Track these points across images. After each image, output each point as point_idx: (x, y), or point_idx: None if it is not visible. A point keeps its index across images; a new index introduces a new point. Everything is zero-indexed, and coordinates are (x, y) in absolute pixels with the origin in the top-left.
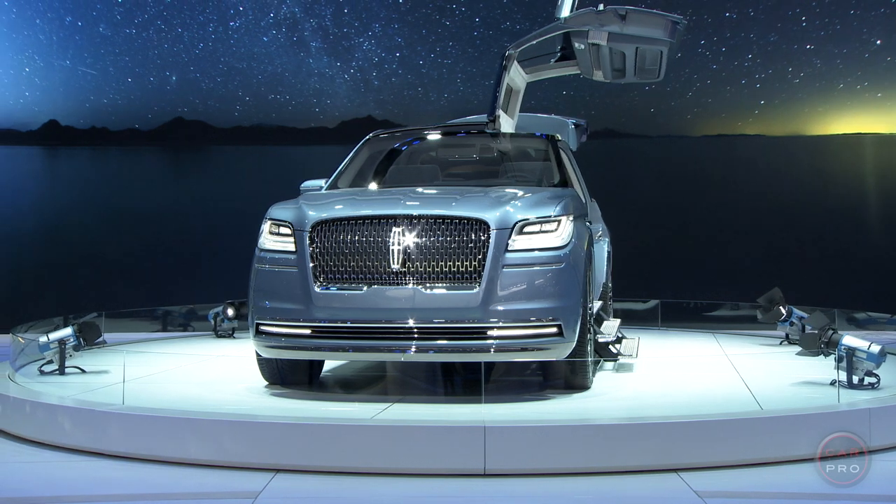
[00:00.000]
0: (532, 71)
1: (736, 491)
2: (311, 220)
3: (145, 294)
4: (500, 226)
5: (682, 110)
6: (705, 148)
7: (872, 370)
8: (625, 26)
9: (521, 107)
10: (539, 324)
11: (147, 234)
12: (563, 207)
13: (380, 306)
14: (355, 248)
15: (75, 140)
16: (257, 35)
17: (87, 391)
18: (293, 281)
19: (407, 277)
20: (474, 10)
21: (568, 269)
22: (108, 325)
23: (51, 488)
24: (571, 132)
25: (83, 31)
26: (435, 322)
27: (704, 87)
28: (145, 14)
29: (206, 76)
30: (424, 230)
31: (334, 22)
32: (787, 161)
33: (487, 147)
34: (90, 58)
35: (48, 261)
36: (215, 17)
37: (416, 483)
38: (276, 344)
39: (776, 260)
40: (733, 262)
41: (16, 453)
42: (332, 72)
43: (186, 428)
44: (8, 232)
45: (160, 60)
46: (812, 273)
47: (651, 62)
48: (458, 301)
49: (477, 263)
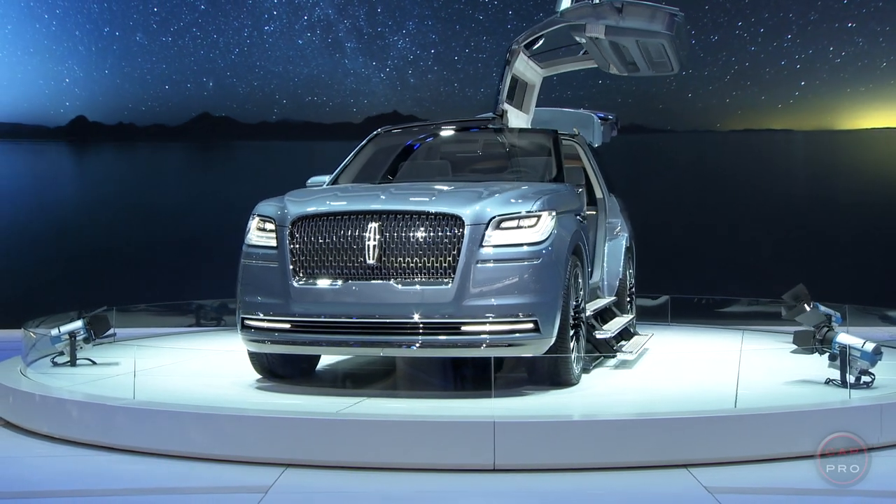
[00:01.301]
0: (547, 65)
1: (746, 487)
2: (291, 216)
3: (174, 288)
4: (475, 221)
5: (721, 94)
6: (731, 144)
7: (867, 369)
8: (622, 19)
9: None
10: (514, 319)
11: (174, 229)
12: (544, 203)
13: (355, 301)
14: (332, 244)
15: (103, 136)
16: (292, 38)
17: (97, 385)
18: (275, 276)
19: (382, 273)
20: (507, 2)
21: (546, 264)
22: (126, 320)
23: (62, 482)
24: (597, 126)
25: (120, 40)
26: (409, 317)
27: (743, 69)
28: (181, 22)
29: (243, 81)
30: (399, 226)
31: (368, 22)
32: (817, 156)
33: (490, 143)
34: (128, 66)
35: (73, 255)
36: (249, 22)
37: (426, 478)
38: (260, 338)
39: (806, 256)
40: (762, 258)
41: (28, 447)
42: (367, 71)
43: (197, 423)
44: (33, 227)
45: (196, 67)
46: (850, 271)
47: (657, 55)
48: (432, 296)
49: (451, 259)
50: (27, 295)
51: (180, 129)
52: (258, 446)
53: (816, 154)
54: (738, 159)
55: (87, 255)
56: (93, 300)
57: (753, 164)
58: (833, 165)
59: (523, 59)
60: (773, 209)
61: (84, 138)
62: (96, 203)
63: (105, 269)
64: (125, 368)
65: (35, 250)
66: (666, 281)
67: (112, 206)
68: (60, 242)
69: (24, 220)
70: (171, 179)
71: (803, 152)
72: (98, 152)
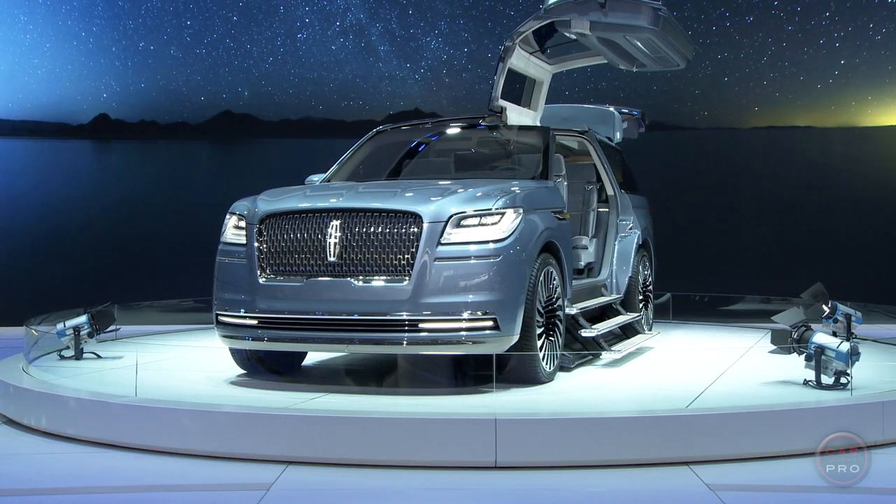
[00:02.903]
0: (556, 62)
1: (748, 484)
2: (259, 214)
3: (194, 285)
4: (434, 219)
5: (758, 77)
6: (754, 140)
7: (842, 370)
8: (606, 15)
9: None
10: (473, 317)
11: (194, 225)
12: (508, 201)
13: (316, 298)
14: (296, 241)
15: (125, 134)
16: (325, 44)
17: (98, 382)
18: (243, 272)
19: (343, 270)
20: None
21: (507, 262)
22: (134, 317)
23: (63, 479)
24: (617, 123)
25: (155, 54)
26: (368, 314)
27: (780, 49)
28: (213, 34)
29: (278, 89)
30: (359, 223)
31: (400, 24)
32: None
33: (485, 140)
34: (163, 80)
35: (91, 252)
36: (282, 31)
37: (427, 475)
38: (231, 334)
39: (831, 254)
40: (783, 257)
41: (29, 445)
42: (402, 73)
43: (199, 420)
44: (55, 223)
45: (231, 77)
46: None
47: (653, 50)
48: (390, 294)
49: (409, 256)
50: (52, 291)
51: (203, 130)
52: (260, 444)
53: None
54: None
55: (110, 253)
56: (114, 297)
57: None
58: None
59: (523, 56)
60: (814, 207)
61: (99, 134)
62: (120, 200)
63: (126, 266)
64: (122, 364)
65: (61, 247)
66: (689, 278)
67: (136, 203)
68: (84, 239)
69: (53, 217)
70: (198, 178)
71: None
72: (136, 150)
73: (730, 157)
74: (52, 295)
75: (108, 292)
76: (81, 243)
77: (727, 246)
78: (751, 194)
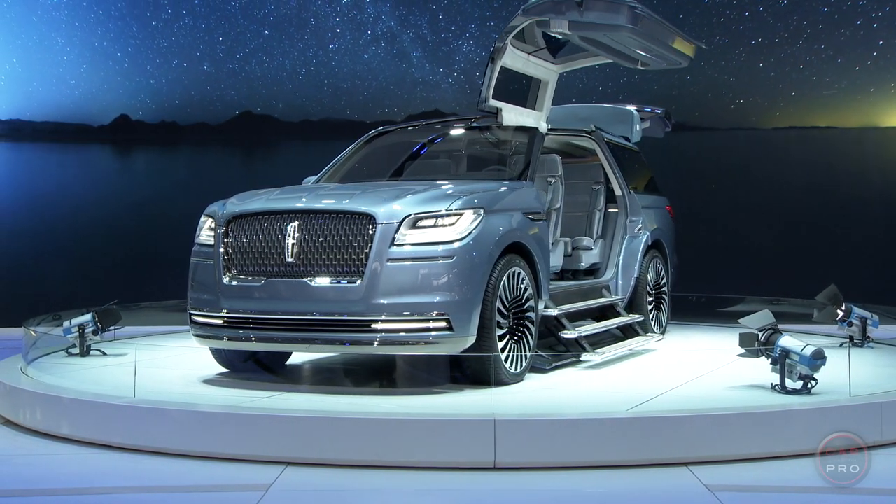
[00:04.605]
0: (562, 61)
1: (746, 485)
2: (226, 215)
3: None
4: (387, 220)
5: (794, 61)
6: (778, 141)
7: (807, 374)
8: (583, 14)
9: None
10: (425, 318)
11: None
12: (467, 201)
13: (274, 298)
14: (257, 242)
15: (146, 135)
16: (357, 54)
17: (96, 383)
18: (210, 273)
19: (300, 271)
20: None
21: (462, 262)
22: (138, 318)
23: (62, 481)
24: (636, 122)
25: (188, 71)
26: (323, 315)
27: (816, 32)
28: (245, 49)
29: (312, 100)
30: (316, 224)
31: (431, 29)
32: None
33: (475, 142)
34: (197, 95)
35: (108, 253)
36: (314, 42)
37: (426, 476)
38: (202, 333)
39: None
40: (801, 258)
41: (27, 445)
42: (436, 78)
43: (197, 421)
44: (74, 226)
45: (265, 91)
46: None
47: (646, 49)
48: (343, 294)
49: (364, 257)
50: (67, 292)
51: (233, 139)
52: (258, 445)
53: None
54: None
55: (130, 255)
56: (132, 298)
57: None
58: None
59: (520, 56)
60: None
61: (120, 134)
62: (141, 202)
63: (144, 268)
64: (120, 363)
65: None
66: (711, 280)
67: (154, 205)
68: (107, 240)
69: (76, 219)
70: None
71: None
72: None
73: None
74: (70, 296)
75: (125, 293)
76: (103, 244)
77: (753, 247)
78: (782, 196)
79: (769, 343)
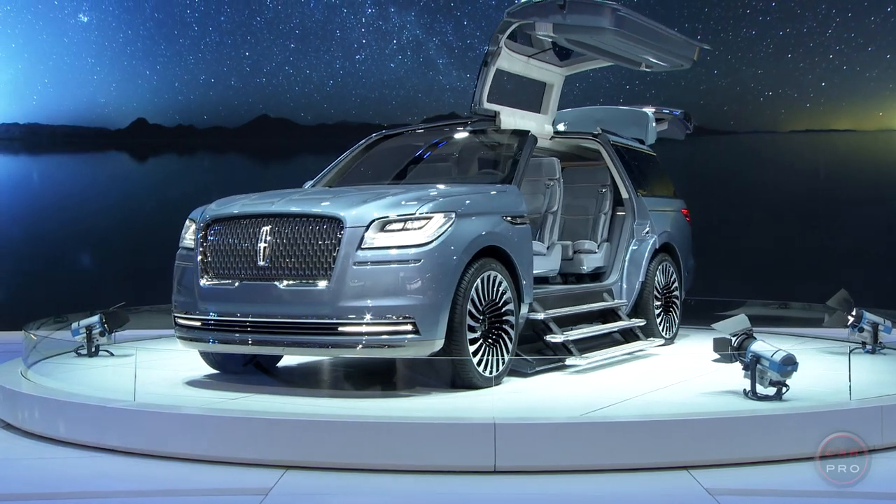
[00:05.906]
0: (566, 63)
1: (747, 489)
2: (205, 218)
3: None
4: (355, 223)
5: (823, 51)
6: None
7: (778, 380)
8: (565, 17)
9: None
10: (392, 321)
11: None
12: (439, 205)
13: (245, 301)
14: (232, 246)
15: (162, 138)
16: (384, 63)
17: (96, 387)
18: (190, 276)
19: (270, 274)
20: None
21: (430, 266)
22: (139, 321)
23: (62, 484)
24: (651, 124)
25: (216, 86)
26: (291, 317)
27: (845, 19)
28: (272, 63)
29: (340, 111)
30: (287, 228)
31: (456, 36)
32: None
33: (469, 145)
34: (225, 110)
35: (123, 256)
36: (341, 54)
37: (426, 480)
38: (184, 335)
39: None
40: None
41: (28, 449)
42: (463, 84)
43: (198, 424)
44: (92, 230)
45: (293, 104)
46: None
47: (643, 50)
48: (310, 297)
49: (332, 260)
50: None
51: (260, 149)
52: (259, 448)
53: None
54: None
55: (141, 258)
56: (152, 300)
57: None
58: None
59: (518, 59)
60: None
61: (137, 138)
62: (159, 206)
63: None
64: (120, 363)
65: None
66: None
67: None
68: (124, 241)
69: (94, 223)
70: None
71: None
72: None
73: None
74: (88, 299)
75: (148, 296)
76: (119, 246)
77: (775, 251)
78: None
79: (741, 348)
